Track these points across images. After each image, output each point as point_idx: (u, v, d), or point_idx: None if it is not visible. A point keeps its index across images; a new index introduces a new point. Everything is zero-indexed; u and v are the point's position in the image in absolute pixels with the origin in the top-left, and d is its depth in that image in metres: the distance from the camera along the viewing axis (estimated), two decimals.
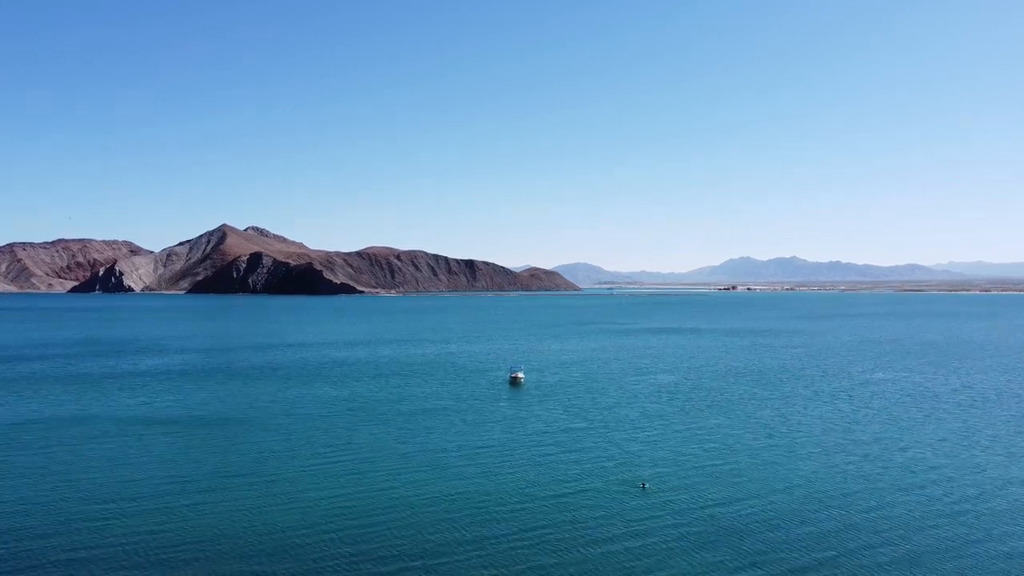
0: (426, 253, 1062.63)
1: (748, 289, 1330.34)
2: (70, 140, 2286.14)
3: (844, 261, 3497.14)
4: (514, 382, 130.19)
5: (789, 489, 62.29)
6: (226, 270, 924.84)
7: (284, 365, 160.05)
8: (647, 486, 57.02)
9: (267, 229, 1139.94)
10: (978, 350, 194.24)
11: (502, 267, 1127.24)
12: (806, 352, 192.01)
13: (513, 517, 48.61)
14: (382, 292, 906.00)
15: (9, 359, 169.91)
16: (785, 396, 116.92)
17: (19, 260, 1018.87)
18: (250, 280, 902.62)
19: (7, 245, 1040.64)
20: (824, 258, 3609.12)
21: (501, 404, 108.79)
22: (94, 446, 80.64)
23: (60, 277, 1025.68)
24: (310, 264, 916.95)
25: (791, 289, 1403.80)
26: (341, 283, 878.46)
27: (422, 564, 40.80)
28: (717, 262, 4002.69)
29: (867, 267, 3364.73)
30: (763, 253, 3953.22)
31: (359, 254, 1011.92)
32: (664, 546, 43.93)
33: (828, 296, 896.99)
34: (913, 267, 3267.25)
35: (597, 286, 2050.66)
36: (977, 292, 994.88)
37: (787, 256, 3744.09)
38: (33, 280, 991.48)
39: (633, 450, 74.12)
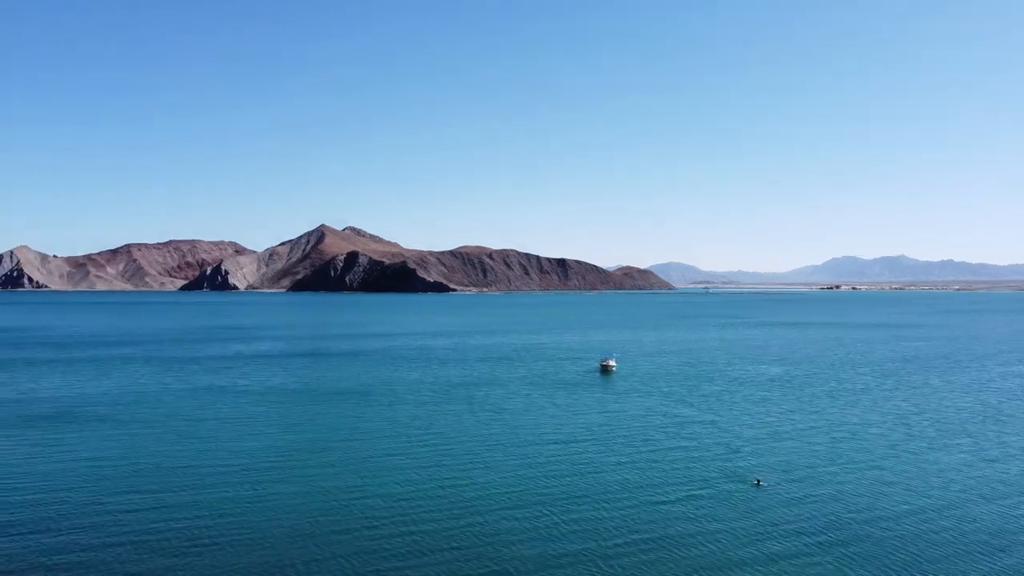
0: (518, 252, 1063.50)
1: (852, 288, 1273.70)
2: (183, 145, 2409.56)
3: (957, 260, 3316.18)
4: (605, 370, 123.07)
5: (929, 486, 53.72)
6: (324, 269, 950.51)
7: (381, 351, 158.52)
8: (761, 482, 49.99)
9: (363, 229, 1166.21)
10: None
11: (594, 266, 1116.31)
12: (928, 344, 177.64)
13: (609, 514, 42.24)
14: (474, 290, 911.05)
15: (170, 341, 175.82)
16: (914, 387, 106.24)
17: (135, 260, 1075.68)
18: (347, 278, 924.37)
19: (124, 246, 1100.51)
20: (935, 256, 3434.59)
21: (593, 391, 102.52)
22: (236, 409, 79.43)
23: (171, 276, 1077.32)
24: (404, 263, 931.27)
25: (899, 288, 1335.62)
26: (434, 281, 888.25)
27: (515, 556, 35.33)
28: (819, 261, 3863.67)
29: (982, 266, 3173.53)
30: (868, 252, 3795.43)
31: (452, 253, 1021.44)
32: (782, 551, 36.69)
33: (940, 295, 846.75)
34: None
35: (692, 286, 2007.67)
36: None
37: (894, 255, 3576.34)
38: (147, 279, 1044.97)
39: (743, 442, 66.36)
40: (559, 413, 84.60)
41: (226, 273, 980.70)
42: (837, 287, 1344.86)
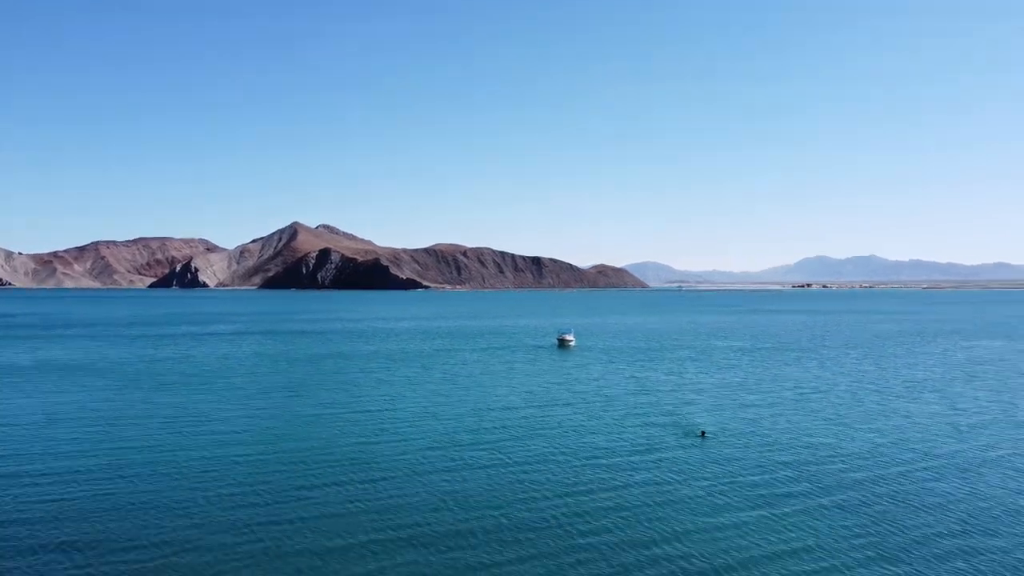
0: (492, 250, 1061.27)
1: (823, 287, 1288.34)
2: (152, 141, 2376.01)
3: (926, 259, 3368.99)
4: (563, 344, 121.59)
5: (874, 433, 55.26)
6: (296, 266, 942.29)
7: (344, 330, 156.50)
8: (706, 434, 50.86)
9: (337, 227, 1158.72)
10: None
11: (569, 264, 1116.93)
12: (896, 325, 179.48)
13: (563, 468, 41.63)
14: (448, 288, 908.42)
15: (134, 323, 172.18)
16: (880, 356, 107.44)
17: (103, 258, 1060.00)
18: (319, 276, 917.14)
19: (92, 244, 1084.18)
20: (905, 256, 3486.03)
21: (551, 361, 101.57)
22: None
23: (140, 274, 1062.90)
24: (377, 260, 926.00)
25: (869, 287, 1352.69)
26: (407, 279, 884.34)
27: (471, 515, 34.04)
28: (792, 261, 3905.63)
29: (951, 265, 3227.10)
30: (840, 251, 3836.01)
31: (426, 251, 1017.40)
32: (720, 490, 37.05)
33: (908, 293, 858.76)
34: (1001, 266, 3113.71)
35: (666, 284, 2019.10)
36: None
37: (865, 254, 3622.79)
38: (115, 277, 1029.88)
39: (697, 400, 66.10)
40: (514, 376, 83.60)
41: (196, 270, 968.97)
42: (808, 285, 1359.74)
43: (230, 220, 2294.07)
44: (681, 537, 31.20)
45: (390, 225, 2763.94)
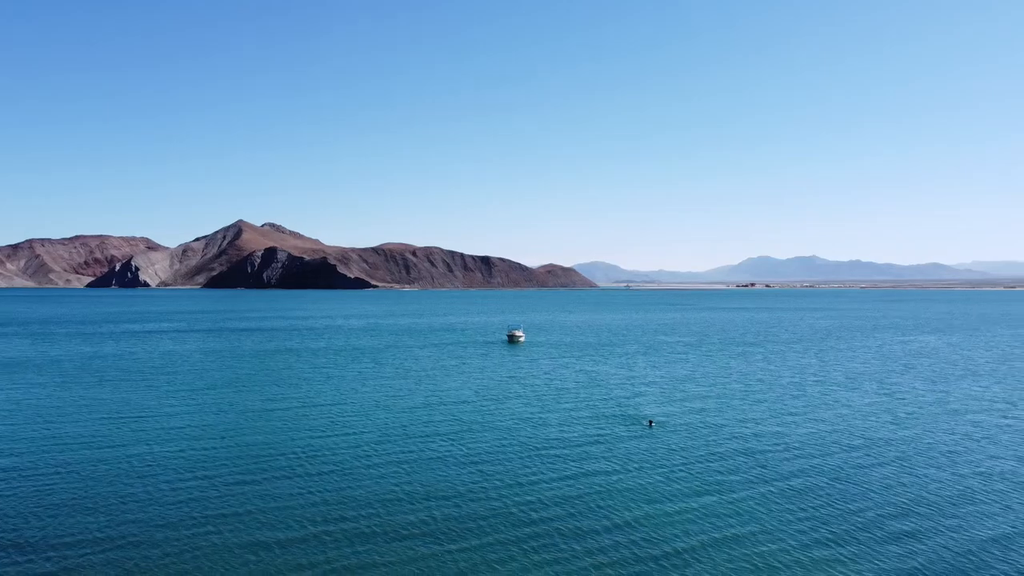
0: (442, 249, 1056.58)
1: (766, 286, 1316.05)
2: (89, 136, 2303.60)
3: (865, 260, 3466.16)
4: (512, 340, 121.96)
5: (780, 421, 57.31)
6: (241, 265, 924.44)
7: (290, 328, 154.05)
8: (654, 423, 51.66)
9: (283, 225, 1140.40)
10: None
11: (518, 264, 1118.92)
12: (835, 321, 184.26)
13: (514, 458, 41.59)
14: (397, 287, 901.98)
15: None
16: (821, 350, 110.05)
17: (37, 256, 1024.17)
18: (264, 275, 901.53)
19: (26, 241, 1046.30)
20: (845, 257, 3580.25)
21: (501, 356, 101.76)
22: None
23: (78, 272, 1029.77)
24: (324, 259, 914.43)
25: (810, 286, 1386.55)
26: (356, 278, 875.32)
27: (420, 508, 33.60)
28: (736, 261, 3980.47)
29: (888, 266, 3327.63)
30: (783, 252, 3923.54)
31: (375, 250, 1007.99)
32: (667, 477, 37.64)
33: (848, 292, 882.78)
34: (936, 266, 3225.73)
35: (614, 284, 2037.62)
36: (1001, 288, 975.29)
37: (807, 255, 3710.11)
38: (51, 276, 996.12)
39: (641, 394, 67.04)
40: (465, 371, 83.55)
41: (137, 269, 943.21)
42: (752, 285, 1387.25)
43: (172, 218, 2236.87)
44: (631, 523, 31.56)
45: (337, 224, 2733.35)
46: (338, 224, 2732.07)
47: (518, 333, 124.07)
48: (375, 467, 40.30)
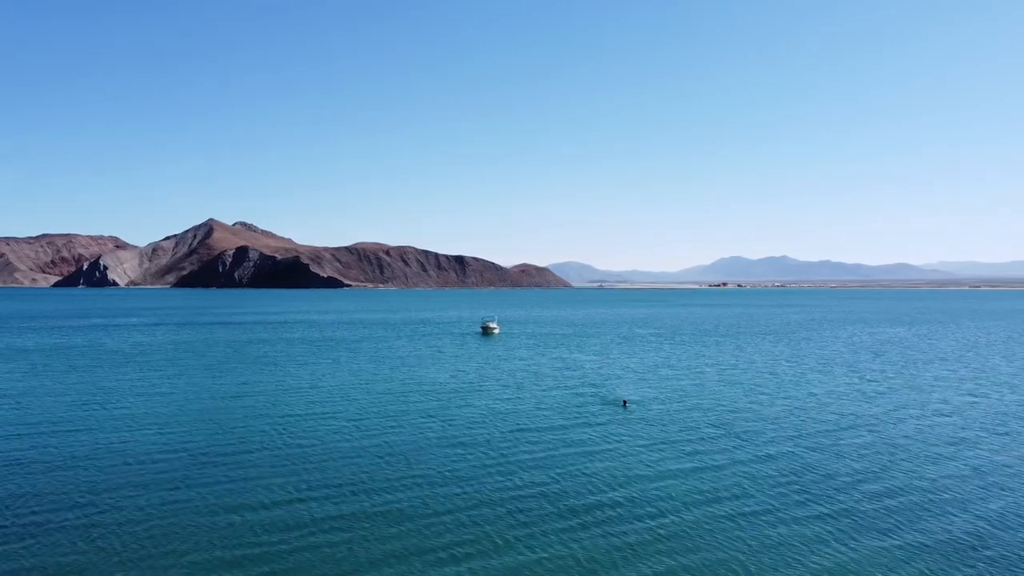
0: (416, 249, 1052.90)
1: (738, 285, 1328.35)
2: (56, 133, 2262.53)
3: (835, 260, 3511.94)
4: (486, 331, 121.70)
5: (754, 399, 58.37)
6: (212, 264, 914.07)
7: (262, 322, 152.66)
8: (628, 404, 52.04)
9: (255, 224, 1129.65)
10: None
11: (492, 263, 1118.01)
12: (807, 316, 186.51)
13: (491, 439, 41.51)
14: (371, 287, 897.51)
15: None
16: (795, 341, 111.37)
17: (2, 255, 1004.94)
18: (236, 274, 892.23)
19: None
20: (815, 257, 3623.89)
21: (477, 345, 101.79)
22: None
23: (44, 272, 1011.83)
24: (297, 258, 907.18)
25: (781, 285, 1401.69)
26: (328, 277, 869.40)
27: (397, 487, 33.18)
28: (708, 261, 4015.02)
29: (857, 266, 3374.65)
30: (755, 252, 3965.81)
31: (348, 249, 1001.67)
32: (642, 455, 37.91)
33: (818, 291, 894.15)
34: (903, 266, 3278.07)
35: (588, 284, 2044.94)
36: (967, 288, 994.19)
37: (778, 255, 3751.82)
38: (16, 275, 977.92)
39: (617, 378, 67.52)
40: (441, 358, 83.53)
41: (105, 269, 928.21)
42: (724, 284, 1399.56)
43: (142, 217, 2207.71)
44: (610, 497, 31.77)
45: (310, 223, 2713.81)
46: (311, 223, 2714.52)
47: (492, 325, 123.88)
48: (351, 448, 40.01)
